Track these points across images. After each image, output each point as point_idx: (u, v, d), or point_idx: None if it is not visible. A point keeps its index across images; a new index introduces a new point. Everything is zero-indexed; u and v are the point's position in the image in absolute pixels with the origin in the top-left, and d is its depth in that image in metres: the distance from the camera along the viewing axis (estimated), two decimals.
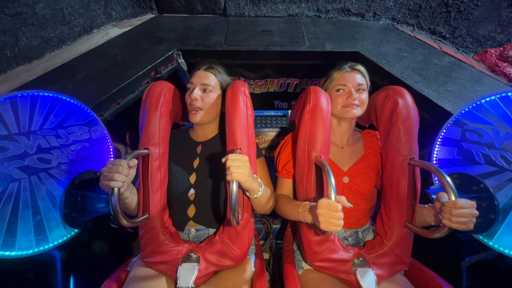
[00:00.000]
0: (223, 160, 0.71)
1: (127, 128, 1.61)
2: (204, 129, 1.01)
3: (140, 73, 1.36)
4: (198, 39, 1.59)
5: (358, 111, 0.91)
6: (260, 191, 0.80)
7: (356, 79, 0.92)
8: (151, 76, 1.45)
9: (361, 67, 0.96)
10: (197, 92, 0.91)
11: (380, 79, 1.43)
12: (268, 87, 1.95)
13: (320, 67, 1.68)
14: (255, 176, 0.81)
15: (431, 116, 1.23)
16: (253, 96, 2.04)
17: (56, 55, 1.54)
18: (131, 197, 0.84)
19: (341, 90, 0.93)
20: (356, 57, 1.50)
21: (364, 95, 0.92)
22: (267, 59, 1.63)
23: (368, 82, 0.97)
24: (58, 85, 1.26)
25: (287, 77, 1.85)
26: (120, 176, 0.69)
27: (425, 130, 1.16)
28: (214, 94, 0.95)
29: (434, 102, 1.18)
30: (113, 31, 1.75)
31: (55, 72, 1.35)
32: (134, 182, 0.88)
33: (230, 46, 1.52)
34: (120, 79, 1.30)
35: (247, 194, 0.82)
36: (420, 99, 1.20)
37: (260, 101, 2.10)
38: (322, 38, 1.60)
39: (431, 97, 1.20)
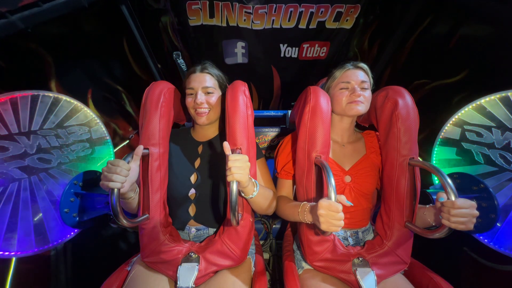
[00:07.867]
0: (226, 152, 0.72)
1: (88, 84, 1.27)
2: (206, 129, 1.02)
3: None
4: None
5: (363, 108, 0.90)
6: (255, 191, 0.80)
7: (359, 76, 0.92)
8: None
9: (363, 65, 0.95)
10: (201, 97, 0.93)
11: None
12: (273, 20, 1.45)
13: None
14: (249, 177, 0.81)
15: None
16: (253, 34, 1.52)
17: None
18: (135, 197, 0.84)
19: (344, 88, 0.93)
20: None
21: (367, 93, 0.92)
22: None
23: (371, 80, 0.97)
24: None
25: (298, 1, 1.37)
26: (119, 177, 0.69)
27: (425, 130, 1.14)
28: (216, 95, 0.97)
29: None
30: None
31: None
32: (138, 181, 0.88)
33: None
34: None
35: (242, 194, 0.82)
36: None
37: (262, 45, 1.57)
38: None
39: None
